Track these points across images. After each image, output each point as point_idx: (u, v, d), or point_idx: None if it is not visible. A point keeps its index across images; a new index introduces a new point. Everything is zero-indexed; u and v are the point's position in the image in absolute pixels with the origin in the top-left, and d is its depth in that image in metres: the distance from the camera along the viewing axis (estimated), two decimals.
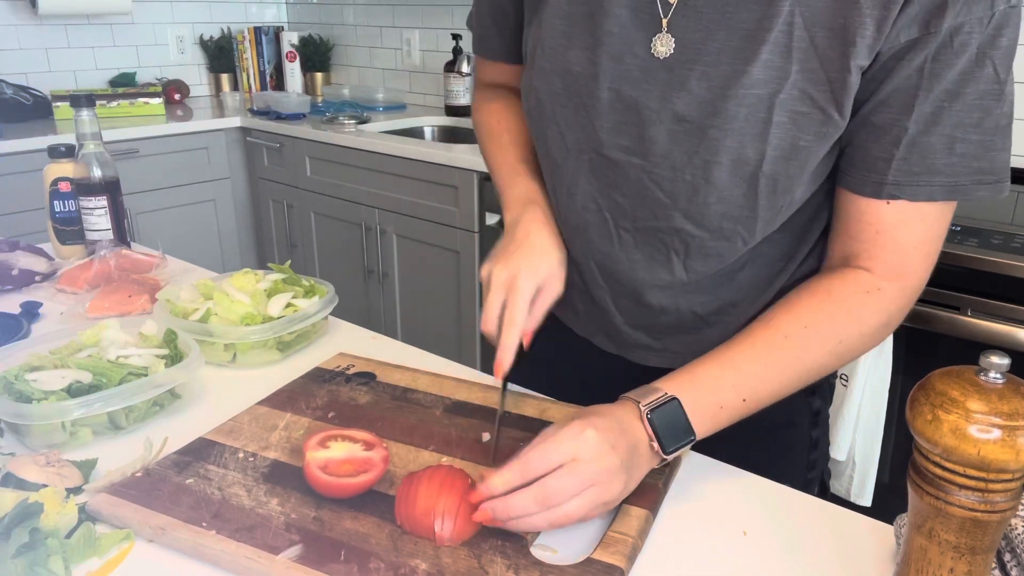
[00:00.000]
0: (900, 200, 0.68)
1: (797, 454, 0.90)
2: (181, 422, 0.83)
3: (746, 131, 0.67)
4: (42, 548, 0.60)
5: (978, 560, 0.49)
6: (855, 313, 0.70)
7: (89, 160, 1.26)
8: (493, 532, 0.63)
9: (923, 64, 0.64)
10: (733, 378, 0.69)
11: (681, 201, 0.73)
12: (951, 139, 0.65)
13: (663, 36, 0.70)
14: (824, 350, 0.71)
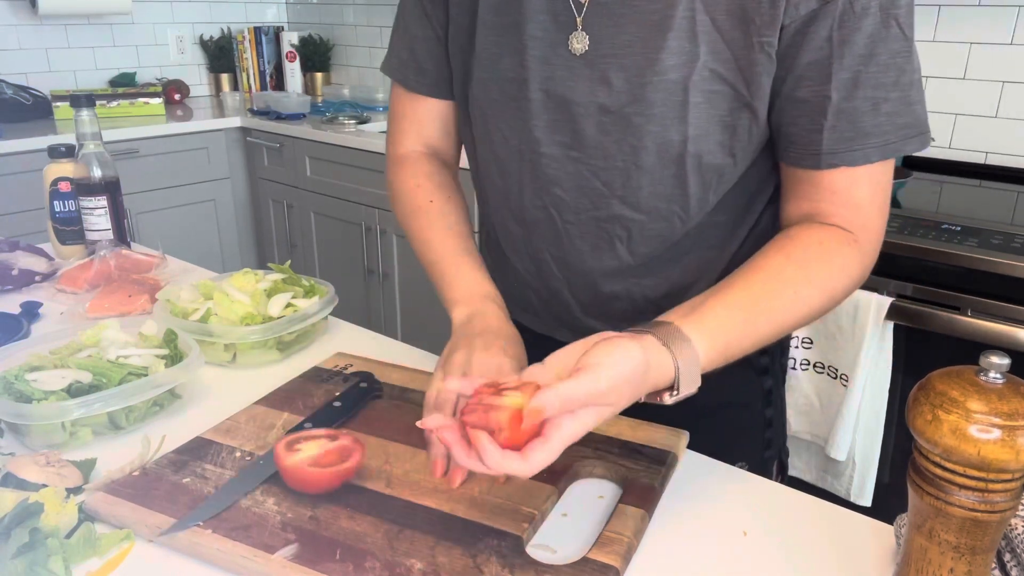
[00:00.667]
0: (840, 167, 0.70)
1: (752, 434, 0.92)
2: (180, 421, 0.83)
3: (666, 115, 0.71)
4: (42, 548, 0.60)
5: (978, 560, 0.49)
6: (841, 263, 0.72)
7: (89, 160, 1.26)
8: (489, 532, 0.63)
9: (830, 33, 0.67)
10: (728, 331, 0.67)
11: (617, 188, 0.77)
12: (874, 100, 0.68)
13: (578, 34, 0.74)
14: (817, 295, 0.71)
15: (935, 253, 1.50)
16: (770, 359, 0.92)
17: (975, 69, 2.00)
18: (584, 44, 0.74)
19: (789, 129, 0.72)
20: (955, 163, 2.07)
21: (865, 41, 0.67)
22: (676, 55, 0.70)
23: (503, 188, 0.85)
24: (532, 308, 0.92)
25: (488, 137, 0.84)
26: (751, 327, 0.68)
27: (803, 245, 0.72)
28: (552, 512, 0.68)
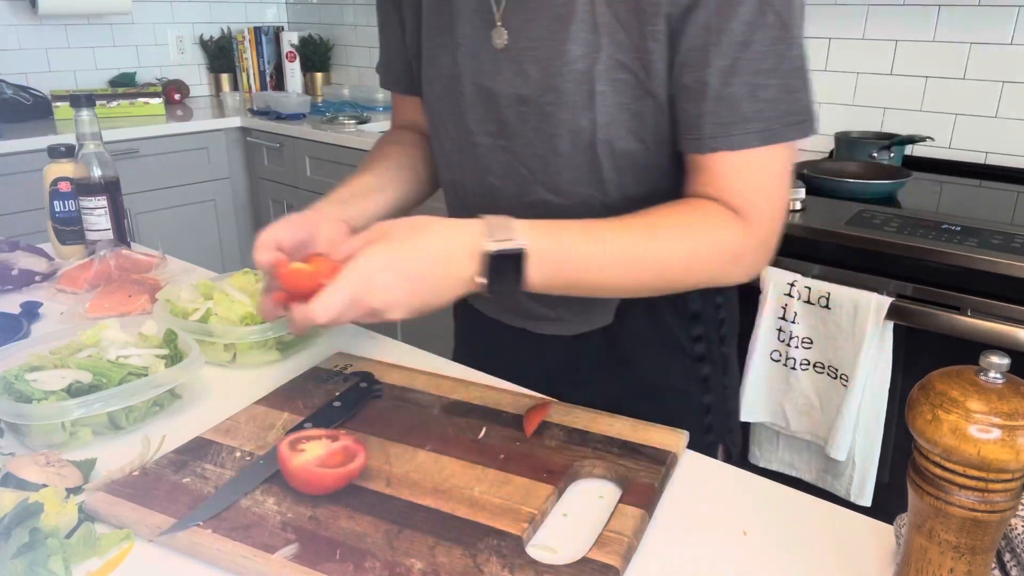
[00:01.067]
0: (722, 151, 0.73)
1: (691, 419, 0.93)
2: (180, 421, 0.83)
3: (576, 104, 0.76)
4: (42, 548, 0.60)
5: (978, 560, 0.49)
6: (714, 230, 0.74)
7: (89, 160, 1.26)
8: (489, 532, 0.63)
9: (708, 21, 0.70)
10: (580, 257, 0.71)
11: (539, 174, 0.82)
12: (752, 87, 0.70)
13: (498, 29, 0.79)
14: (679, 254, 0.73)
15: (935, 253, 1.50)
16: (706, 347, 0.95)
17: (975, 69, 2.00)
18: (504, 39, 0.79)
19: (679, 115, 0.76)
20: (955, 163, 2.07)
21: (742, 29, 0.69)
22: (581, 46, 0.74)
23: (451, 179, 0.93)
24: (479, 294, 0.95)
25: (436, 131, 0.91)
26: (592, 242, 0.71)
27: (683, 204, 0.75)
28: (552, 512, 0.68)
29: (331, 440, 0.71)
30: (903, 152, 2.08)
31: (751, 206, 0.74)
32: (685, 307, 0.91)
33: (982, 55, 1.98)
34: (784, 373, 1.69)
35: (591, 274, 0.72)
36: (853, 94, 2.21)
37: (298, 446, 0.70)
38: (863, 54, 2.16)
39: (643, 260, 0.73)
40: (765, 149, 0.72)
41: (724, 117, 0.71)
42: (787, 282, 1.63)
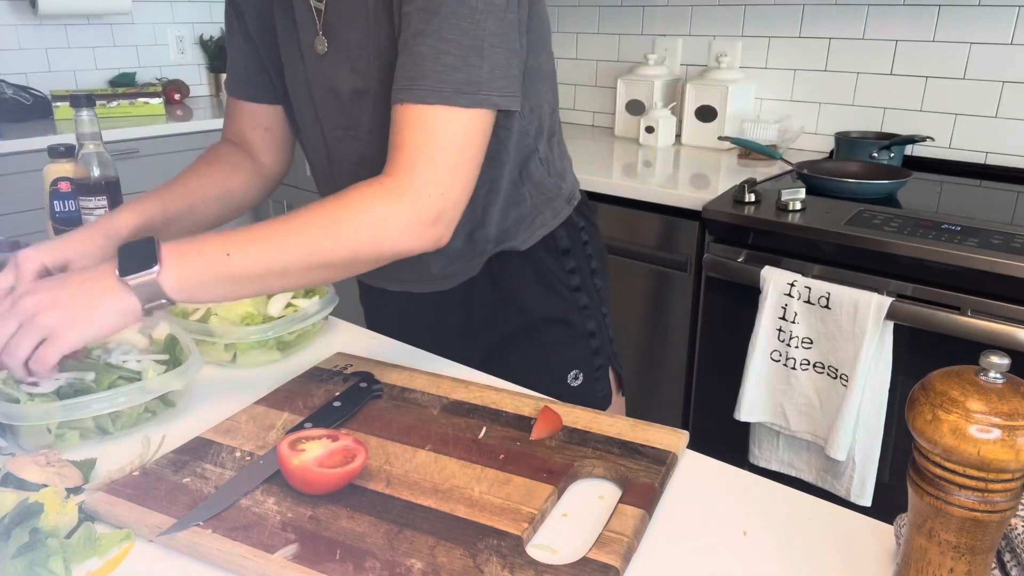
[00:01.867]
0: (405, 104, 0.80)
1: (577, 343, 1.07)
2: (180, 421, 0.83)
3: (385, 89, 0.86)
4: (42, 548, 0.60)
5: (978, 560, 0.49)
6: (350, 199, 0.79)
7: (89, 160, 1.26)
8: (489, 532, 0.63)
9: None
10: (220, 239, 0.76)
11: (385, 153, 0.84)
12: (436, 51, 0.79)
13: (319, 38, 0.91)
14: (317, 225, 0.77)
15: (935, 253, 1.50)
16: (580, 279, 1.06)
17: (975, 69, 2.00)
18: (324, 46, 0.90)
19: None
20: (955, 163, 2.07)
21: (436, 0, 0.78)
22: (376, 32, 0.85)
23: (321, 176, 1.04)
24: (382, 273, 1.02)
25: (299, 132, 1.03)
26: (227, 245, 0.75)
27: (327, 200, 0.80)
28: (552, 512, 0.68)
29: (331, 440, 0.71)
30: (903, 152, 2.08)
31: (407, 161, 0.80)
32: (555, 244, 1.04)
33: (982, 55, 1.98)
34: (784, 373, 1.69)
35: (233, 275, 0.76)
36: (853, 94, 2.21)
37: (298, 446, 0.70)
38: (863, 54, 2.17)
39: (286, 252, 0.77)
40: (438, 110, 0.79)
41: (409, 71, 0.80)
42: (787, 282, 1.63)
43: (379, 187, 0.80)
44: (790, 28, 2.28)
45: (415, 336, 1.03)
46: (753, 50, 2.37)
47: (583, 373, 1.07)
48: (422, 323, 1.07)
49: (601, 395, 1.10)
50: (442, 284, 1.04)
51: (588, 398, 1.06)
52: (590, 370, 1.08)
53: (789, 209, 1.71)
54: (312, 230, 0.77)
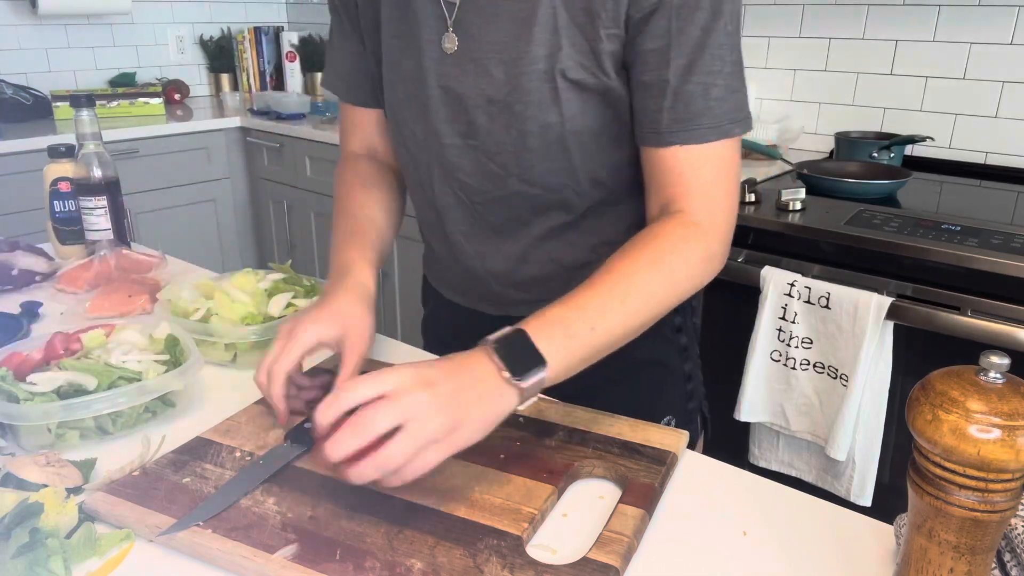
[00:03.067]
0: (680, 145, 0.78)
1: (674, 385, 1.01)
2: (180, 421, 0.83)
3: (542, 102, 0.80)
4: (42, 548, 0.60)
5: (978, 560, 0.49)
6: (679, 248, 0.78)
7: (89, 160, 1.26)
8: (489, 532, 0.63)
9: (669, 24, 0.75)
10: (577, 312, 0.72)
11: (512, 168, 0.85)
12: (705, 86, 0.77)
13: (448, 35, 0.83)
14: (656, 280, 0.76)
15: (935, 253, 1.50)
16: (683, 318, 1.01)
17: (975, 69, 2.00)
18: (454, 44, 0.83)
19: (638, 111, 0.81)
20: (955, 163, 2.07)
21: (698, 33, 0.75)
22: (543, 47, 0.78)
23: (417, 179, 0.95)
24: (454, 286, 1.02)
25: (401, 134, 0.92)
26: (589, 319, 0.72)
27: (641, 244, 0.78)
28: (552, 512, 0.68)
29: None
30: (903, 152, 2.08)
31: (711, 203, 0.79)
32: None
33: (982, 55, 1.98)
34: (784, 373, 1.69)
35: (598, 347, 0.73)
36: (853, 94, 2.21)
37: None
38: (863, 54, 2.17)
39: (638, 311, 0.75)
40: (716, 144, 0.78)
41: (681, 113, 0.77)
42: (787, 282, 1.63)
43: (695, 229, 0.78)
44: (790, 28, 2.28)
45: None
46: (753, 50, 2.37)
47: (676, 419, 0.98)
48: None
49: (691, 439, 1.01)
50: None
51: None
52: (683, 414, 1.00)
53: (789, 209, 1.71)
54: (654, 285, 0.76)
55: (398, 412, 0.61)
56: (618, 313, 0.74)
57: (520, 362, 0.66)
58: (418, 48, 0.85)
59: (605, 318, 0.72)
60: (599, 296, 0.74)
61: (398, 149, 0.96)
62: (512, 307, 0.96)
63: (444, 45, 0.83)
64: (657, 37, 0.76)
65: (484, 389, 0.65)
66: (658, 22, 0.75)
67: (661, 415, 0.97)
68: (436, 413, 0.62)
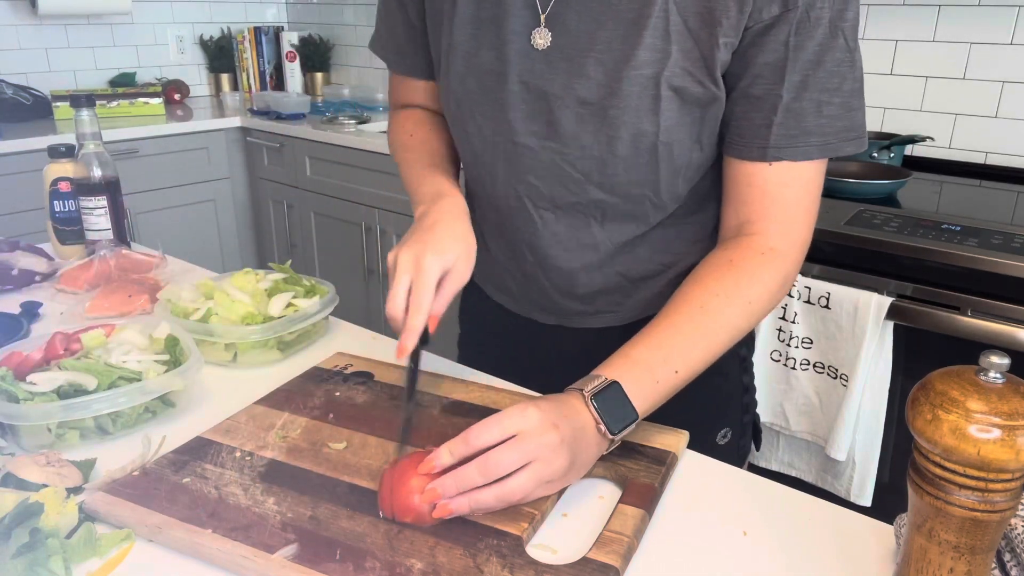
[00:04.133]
0: (782, 161, 0.76)
1: (732, 398, 0.98)
2: (180, 421, 0.83)
3: (640, 108, 0.76)
4: (42, 548, 0.60)
5: (978, 560, 0.49)
6: (756, 275, 0.77)
7: (89, 160, 1.26)
8: (489, 532, 0.63)
9: (788, 38, 0.72)
10: (663, 354, 0.74)
11: (594, 175, 0.81)
12: (818, 103, 0.74)
13: (540, 30, 0.78)
14: (736, 312, 0.77)
15: (935, 253, 1.50)
16: None
17: (975, 69, 2.00)
18: (546, 40, 0.78)
19: (740, 122, 0.77)
20: (955, 163, 2.07)
21: (815, 48, 0.73)
22: (650, 52, 0.74)
23: (477, 177, 0.90)
24: (510, 291, 0.97)
25: (463, 128, 0.87)
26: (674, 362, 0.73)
27: (714, 270, 0.78)
28: (552, 512, 0.68)
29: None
30: (903, 152, 2.08)
31: (795, 217, 0.78)
32: None
33: (982, 55, 1.98)
34: (784, 373, 1.69)
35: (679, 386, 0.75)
36: None
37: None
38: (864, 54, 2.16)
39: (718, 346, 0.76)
40: (813, 165, 0.76)
41: (791, 129, 0.75)
42: None
43: (771, 255, 0.78)
44: None
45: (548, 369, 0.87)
46: None
47: (732, 431, 0.96)
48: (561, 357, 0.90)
49: (743, 452, 1.01)
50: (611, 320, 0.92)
51: (730, 455, 0.95)
52: (739, 427, 0.98)
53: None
54: (734, 317, 0.76)
55: (527, 453, 0.64)
56: (699, 350, 0.75)
57: (616, 417, 0.69)
58: (500, 39, 0.80)
59: (687, 359, 0.74)
60: (681, 335, 0.74)
61: (459, 144, 0.91)
62: (567, 317, 0.94)
63: (535, 40, 0.78)
64: (773, 51, 0.73)
65: (588, 437, 0.68)
66: (776, 35, 0.72)
67: (718, 428, 0.94)
68: (559, 455, 0.65)
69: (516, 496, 0.64)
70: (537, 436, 0.64)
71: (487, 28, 0.81)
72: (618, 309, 0.91)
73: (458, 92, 0.85)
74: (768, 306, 0.79)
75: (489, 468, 0.63)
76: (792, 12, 0.71)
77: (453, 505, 0.63)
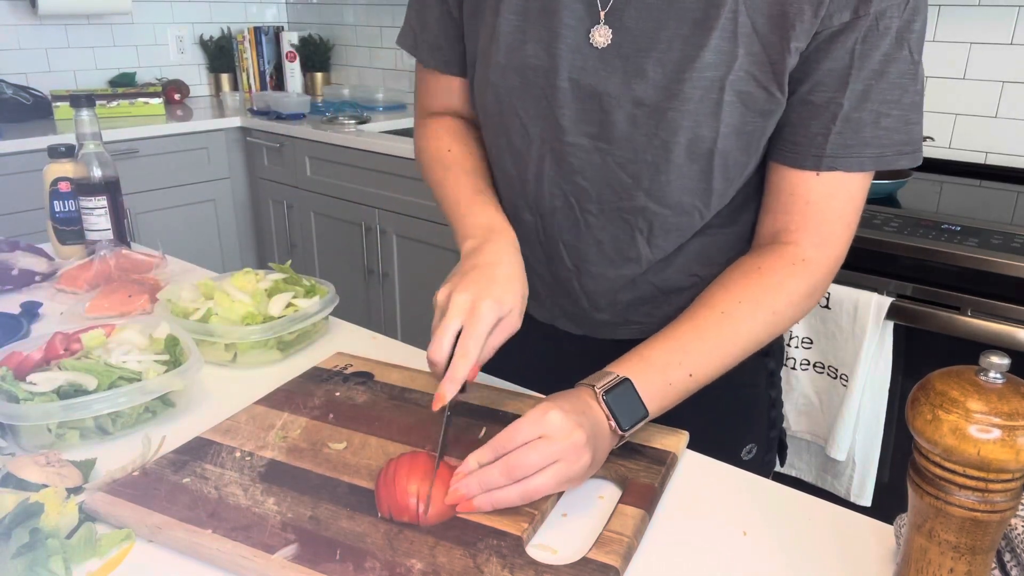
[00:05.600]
0: (834, 171, 0.74)
1: (759, 412, 0.96)
2: (180, 421, 0.83)
3: (701, 111, 0.73)
4: (42, 548, 0.60)
5: (978, 560, 0.49)
6: (784, 285, 0.75)
7: (89, 160, 1.26)
8: (489, 532, 0.63)
9: (854, 46, 0.70)
10: (679, 356, 0.73)
11: (644, 181, 0.78)
12: (878, 114, 0.72)
13: (600, 27, 0.75)
14: (759, 321, 0.75)
15: (935, 253, 1.50)
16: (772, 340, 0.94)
17: (975, 69, 2.00)
18: (607, 38, 0.74)
19: (796, 129, 0.75)
20: (955, 163, 2.07)
21: (880, 58, 0.70)
22: (716, 54, 0.71)
23: (517, 176, 0.85)
24: (538, 296, 0.92)
25: (502, 124, 0.83)
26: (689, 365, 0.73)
27: (742, 275, 0.76)
28: (552, 512, 0.68)
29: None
30: None
31: (835, 230, 0.76)
32: None
33: (982, 55, 1.98)
34: (784, 373, 1.69)
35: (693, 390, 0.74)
36: None
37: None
38: None
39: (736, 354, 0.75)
40: (860, 177, 0.75)
41: (848, 139, 0.73)
42: None
43: (803, 266, 0.75)
44: None
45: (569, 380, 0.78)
46: None
47: (757, 447, 0.94)
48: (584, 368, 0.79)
49: (768, 467, 0.98)
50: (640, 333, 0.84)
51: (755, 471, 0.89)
52: (764, 442, 0.96)
53: None
54: (756, 326, 0.75)
55: (552, 455, 0.64)
56: (717, 357, 0.74)
57: (627, 415, 0.70)
58: (552, 33, 0.76)
59: (703, 364, 0.73)
60: (700, 339, 0.74)
61: (495, 139, 0.86)
62: (595, 328, 0.91)
63: (594, 38, 0.75)
64: (839, 58, 0.70)
65: (602, 434, 0.69)
66: (844, 42, 0.70)
67: (744, 443, 0.93)
68: (583, 454, 0.65)
69: (540, 495, 0.65)
70: (563, 438, 0.64)
71: (535, 20, 0.77)
72: (647, 321, 0.87)
73: (499, 86, 0.80)
74: (792, 318, 0.77)
75: (512, 470, 0.64)
76: (862, 19, 0.69)
77: (476, 503, 0.64)
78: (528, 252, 0.88)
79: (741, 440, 0.92)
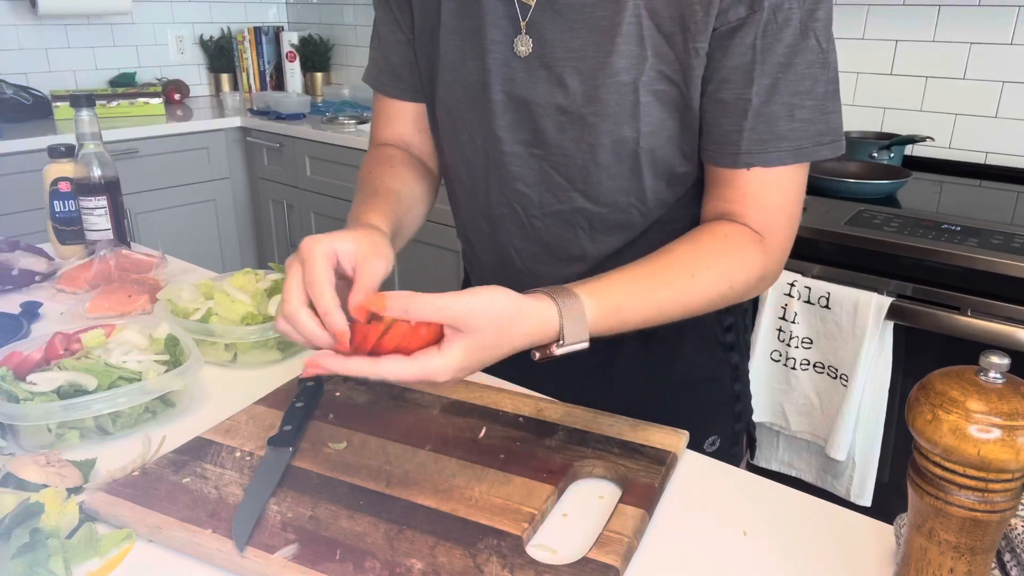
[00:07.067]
0: (756, 167, 0.74)
1: (723, 407, 0.97)
2: (180, 421, 0.83)
3: (620, 115, 0.76)
4: (43, 548, 0.60)
5: (978, 560, 0.49)
6: (745, 260, 0.76)
7: (89, 160, 1.26)
8: (489, 532, 0.63)
9: (755, 40, 0.71)
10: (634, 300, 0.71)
11: (578, 183, 0.81)
12: (791, 107, 0.72)
13: (522, 37, 0.78)
14: (717, 293, 0.75)
15: (935, 253, 1.50)
16: (735, 336, 0.96)
17: (975, 69, 2.00)
18: (528, 47, 0.78)
19: (710, 128, 0.76)
20: (955, 163, 2.07)
21: (784, 51, 0.71)
22: (626, 58, 0.74)
23: (471, 187, 0.89)
24: None
25: (455, 137, 0.87)
26: (644, 298, 0.71)
27: (709, 236, 0.76)
28: (552, 512, 0.68)
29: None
30: (903, 152, 2.08)
31: (773, 224, 0.77)
32: None
33: (982, 55, 1.98)
34: (784, 373, 1.69)
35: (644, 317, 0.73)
36: (853, 94, 2.21)
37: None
38: (863, 54, 2.16)
39: (688, 302, 0.74)
40: (792, 168, 0.75)
41: (762, 134, 0.73)
42: (787, 282, 1.63)
43: (761, 245, 0.76)
44: None
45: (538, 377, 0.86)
46: None
47: (721, 440, 0.96)
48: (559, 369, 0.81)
49: (734, 461, 0.99)
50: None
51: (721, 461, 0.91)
52: (728, 435, 0.97)
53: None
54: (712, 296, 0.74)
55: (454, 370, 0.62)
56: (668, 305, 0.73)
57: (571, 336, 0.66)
58: (482, 48, 0.80)
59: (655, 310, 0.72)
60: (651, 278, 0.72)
61: (450, 153, 0.90)
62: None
63: (517, 48, 0.78)
64: (740, 54, 0.71)
65: (530, 341, 0.66)
66: (743, 38, 0.71)
67: (706, 435, 0.93)
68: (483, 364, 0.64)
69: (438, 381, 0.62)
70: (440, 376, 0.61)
71: (470, 38, 0.81)
72: None
73: (448, 102, 0.85)
74: (744, 294, 0.77)
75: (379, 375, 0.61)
76: (758, 13, 0.70)
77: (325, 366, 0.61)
78: (485, 258, 0.95)
79: (703, 433, 0.92)
